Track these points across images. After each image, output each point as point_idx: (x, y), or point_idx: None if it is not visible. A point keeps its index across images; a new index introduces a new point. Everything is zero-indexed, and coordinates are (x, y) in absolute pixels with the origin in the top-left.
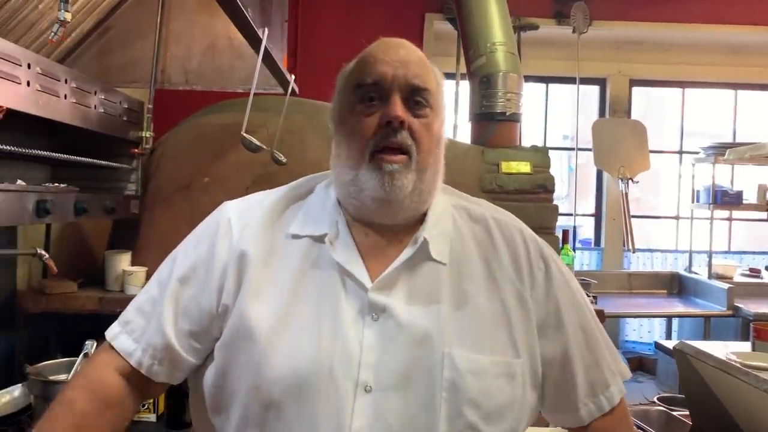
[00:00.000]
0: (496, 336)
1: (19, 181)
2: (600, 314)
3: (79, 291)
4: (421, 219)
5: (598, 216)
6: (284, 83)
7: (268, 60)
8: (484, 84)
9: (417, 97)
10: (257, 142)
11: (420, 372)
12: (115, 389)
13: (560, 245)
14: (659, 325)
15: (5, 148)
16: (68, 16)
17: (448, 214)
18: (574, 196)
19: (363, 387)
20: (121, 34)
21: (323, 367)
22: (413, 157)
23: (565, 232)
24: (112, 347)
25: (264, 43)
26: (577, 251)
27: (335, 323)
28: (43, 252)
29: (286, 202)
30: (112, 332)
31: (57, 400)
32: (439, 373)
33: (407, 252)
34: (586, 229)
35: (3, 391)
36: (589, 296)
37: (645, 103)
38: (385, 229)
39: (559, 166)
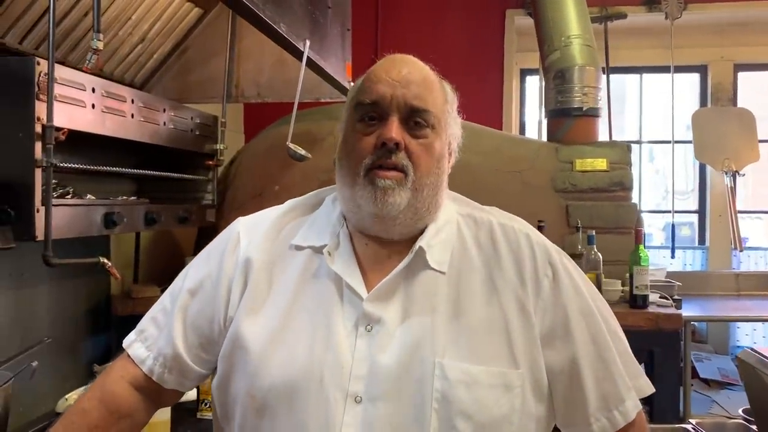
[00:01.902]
0: (493, 346)
1: (89, 196)
2: (676, 319)
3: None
4: (424, 231)
5: (702, 213)
6: (345, 91)
7: (318, 69)
8: (559, 79)
9: (417, 118)
10: (302, 152)
11: (411, 382)
12: (127, 401)
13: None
14: None
15: (71, 165)
16: (100, 45)
17: (452, 223)
18: (672, 194)
19: (353, 397)
20: (197, 53)
21: (314, 377)
22: (409, 176)
23: (638, 231)
24: (128, 355)
25: (306, 54)
26: (677, 250)
27: (329, 334)
28: (106, 261)
29: (293, 214)
30: (129, 340)
31: (72, 409)
32: (429, 384)
33: (404, 261)
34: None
35: (85, 387)
36: (667, 299)
37: (753, 89)
38: (386, 242)
39: (683, 159)
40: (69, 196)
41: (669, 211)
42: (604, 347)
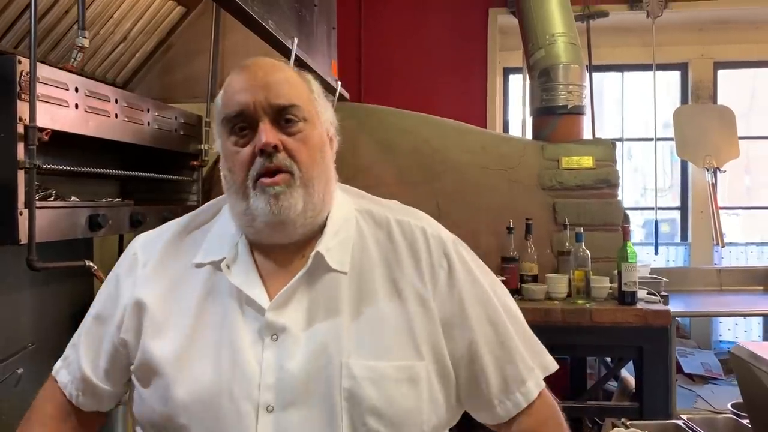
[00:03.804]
0: (398, 341)
1: (73, 198)
2: (664, 315)
3: None
4: (323, 229)
5: (684, 209)
6: (332, 90)
7: (306, 68)
8: (544, 77)
9: (287, 116)
10: None
11: (319, 385)
12: (57, 422)
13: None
14: (757, 324)
15: (54, 167)
16: (85, 42)
17: (351, 220)
18: (655, 191)
19: (264, 407)
20: (181, 52)
21: (223, 392)
22: (295, 174)
23: (625, 228)
24: (56, 380)
25: (294, 51)
26: (661, 247)
27: (234, 348)
28: (92, 263)
29: (190, 229)
30: (56, 367)
31: None
32: (337, 384)
33: (303, 268)
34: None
35: None
36: (655, 295)
37: (732, 86)
38: (286, 247)
39: (661, 156)
40: (51, 198)
41: (651, 208)
42: (502, 332)
